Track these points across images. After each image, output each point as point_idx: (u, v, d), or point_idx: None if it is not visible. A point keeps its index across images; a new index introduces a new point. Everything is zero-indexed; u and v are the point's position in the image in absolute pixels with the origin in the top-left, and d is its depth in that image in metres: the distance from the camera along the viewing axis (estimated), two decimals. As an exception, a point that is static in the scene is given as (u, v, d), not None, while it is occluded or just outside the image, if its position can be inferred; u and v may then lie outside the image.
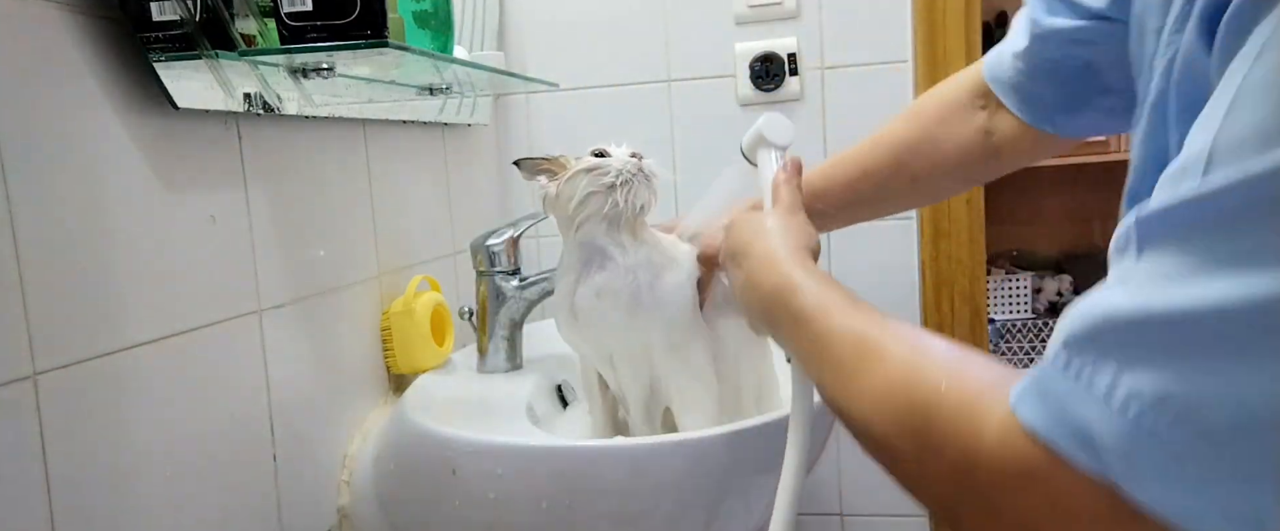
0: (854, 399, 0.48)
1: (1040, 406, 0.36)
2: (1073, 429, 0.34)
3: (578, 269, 0.84)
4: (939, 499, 0.43)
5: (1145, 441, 0.31)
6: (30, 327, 0.58)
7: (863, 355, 0.48)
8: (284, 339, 0.84)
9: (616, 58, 1.39)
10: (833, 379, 0.50)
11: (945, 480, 0.41)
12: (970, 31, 1.28)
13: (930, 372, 0.43)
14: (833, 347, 0.51)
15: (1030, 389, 0.37)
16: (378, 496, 0.91)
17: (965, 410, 0.40)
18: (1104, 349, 0.34)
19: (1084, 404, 0.34)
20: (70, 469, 0.61)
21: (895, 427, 0.44)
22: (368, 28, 0.67)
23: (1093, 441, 0.33)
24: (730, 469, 0.76)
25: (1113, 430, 0.32)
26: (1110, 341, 0.33)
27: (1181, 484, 0.31)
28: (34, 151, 0.59)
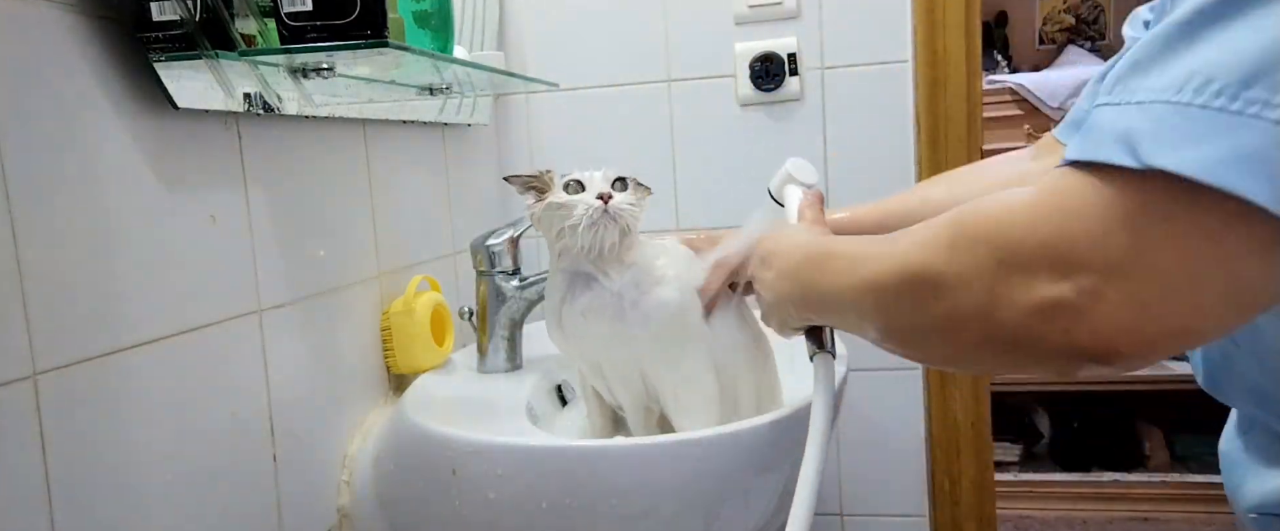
0: (891, 255, 0.49)
1: (1085, 142, 0.40)
2: (1117, 136, 0.39)
3: (563, 288, 0.84)
4: (981, 297, 0.43)
5: (1177, 114, 0.37)
6: (30, 327, 0.58)
7: (890, 239, 0.51)
8: (284, 339, 0.84)
9: (616, 58, 1.39)
10: (863, 268, 0.52)
11: (984, 266, 0.42)
12: (970, 31, 1.28)
13: (955, 210, 0.47)
14: (865, 248, 0.54)
15: (1073, 144, 0.41)
16: (378, 496, 0.91)
17: (1000, 196, 0.44)
18: (1142, 67, 0.40)
19: (1128, 115, 0.39)
20: (70, 469, 0.61)
21: (932, 248, 0.46)
22: (368, 28, 0.67)
23: (1132, 139, 0.38)
24: (730, 469, 0.76)
25: (1154, 119, 0.38)
26: (1144, 61, 0.40)
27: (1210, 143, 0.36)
28: (34, 151, 0.59)
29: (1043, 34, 2.71)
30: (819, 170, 1.33)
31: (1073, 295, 0.39)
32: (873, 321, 0.52)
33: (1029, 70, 2.53)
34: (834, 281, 0.57)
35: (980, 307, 0.43)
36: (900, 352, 0.54)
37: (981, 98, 1.32)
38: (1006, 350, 0.43)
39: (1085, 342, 0.40)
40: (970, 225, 0.44)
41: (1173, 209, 0.37)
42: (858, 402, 1.36)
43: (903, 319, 0.49)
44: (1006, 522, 2.13)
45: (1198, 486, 2.16)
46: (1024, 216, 0.41)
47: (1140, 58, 0.40)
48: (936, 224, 0.47)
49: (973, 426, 1.35)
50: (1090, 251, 0.39)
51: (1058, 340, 0.40)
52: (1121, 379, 2.30)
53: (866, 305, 0.52)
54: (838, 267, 0.57)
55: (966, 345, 0.46)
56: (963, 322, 0.44)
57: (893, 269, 0.49)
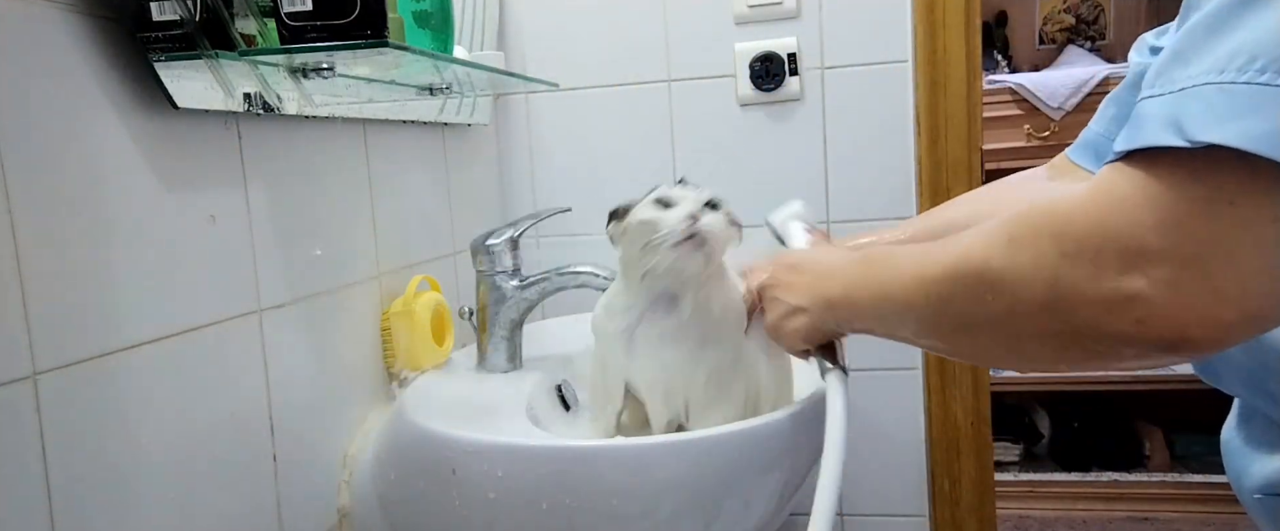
0: (939, 259, 0.50)
1: (1132, 134, 0.41)
2: (1164, 122, 0.39)
3: (643, 306, 0.82)
4: (1043, 292, 0.43)
5: (1221, 93, 0.38)
6: (30, 328, 0.58)
7: (943, 242, 0.52)
8: (284, 339, 0.84)
9: (616, 58, 1.39)
10: (913, 265, 0.53)
11: (1047, 261, 0.43)
12: (970, 31, 1.28)
13: (1012, 209, 0.47)
14: (917, 250, 0.54)
15: (1121, 137, 0.42)
16: (378, 496, 0.91)
17: (1059, 193, 0.44)
18: (1182, 58, 0.40)
19: (1173, 102, 0.39)
20: (70, 469, 0.61)
21: (991, 245, 0.46)
22: (368, 28, 0.67)
23: (1179, 121, 0.38)
24: (730, 469, 0.76)
25: (1200, 99, 0.39)
26: (1183, 52, 0.40)
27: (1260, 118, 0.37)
28: (34, 151, 0.59)
29: (1043, 34, 2.71)
30: (819, 170, 1.34)
31: (1145, 286, 0.39)
32: (926, 317, 0.52)
33: (1029, 70, 2.53)
34: (887, 277, 0.57)
35: (1045, 302, 0.43)
36: (946, 349, 0.55)
37: (981, 98, 1.32)
38: (1073, 342, 0.44)
39: (1161, 332, 0.40)
40: (1031, 221, 0.44)
41: (1233, 192, 0.38)
42: (858, 402, 1.36)
43: (959, 314, 0.50)
44: (1006, 522, 2.13)
45: (1197, 486, 2.16)
46: (1086, 210, 0.42)
47: (1180, 49, 0.41)
48: (992, 224, 0.48)
49: (973, 426, 1.35)
50: (1159, 241, 0.39)
51: (1131, 331, 0.41)
52: (1121, 379, 2.30)
53: (919, 300, 0.52)
54: (889, 265, 0.57)
55: (1026, 338, 0.46)
56: (1026, 317, 0.45)
57: (950, 264, 0.49)
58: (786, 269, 0.70)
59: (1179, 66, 0.41)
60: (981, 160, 1.31)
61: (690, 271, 0.78)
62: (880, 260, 0.60)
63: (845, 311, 0.63)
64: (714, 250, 0.78)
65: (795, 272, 0.69)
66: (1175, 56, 0.41)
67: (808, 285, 0.67)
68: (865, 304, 0.60)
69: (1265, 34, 0.38)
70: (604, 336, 0.87)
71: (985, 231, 0.48)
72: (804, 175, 1.35)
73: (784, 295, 0.69)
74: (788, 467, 0.80)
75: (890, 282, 0.56)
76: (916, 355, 1.35)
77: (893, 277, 0.56)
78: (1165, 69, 0.41)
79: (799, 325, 0.68)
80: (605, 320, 0.87)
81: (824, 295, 0.65)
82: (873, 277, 0.59)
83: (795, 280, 0.69)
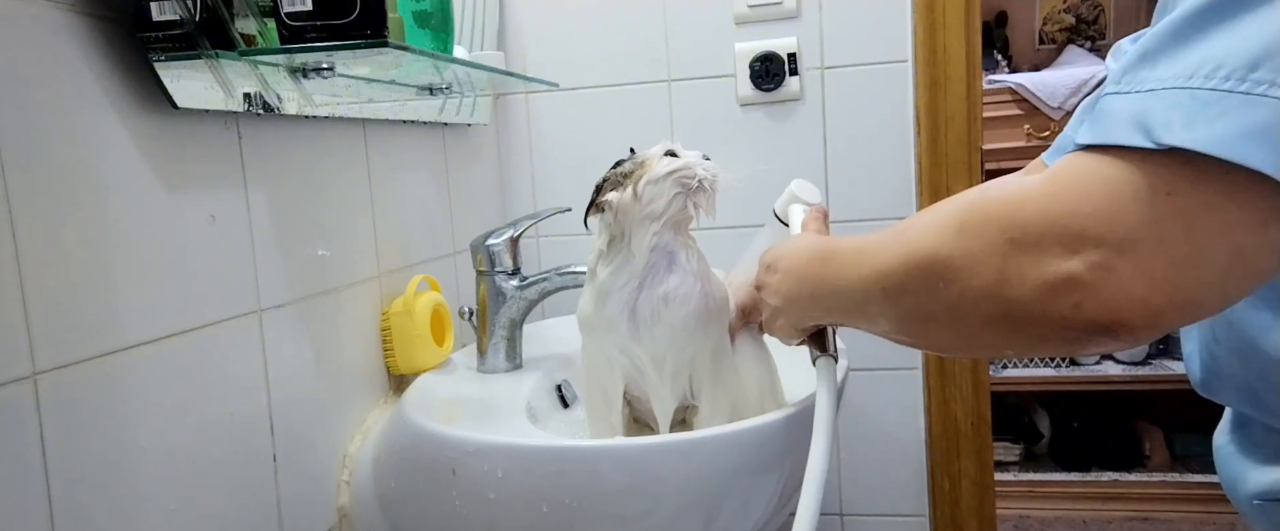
0: (895, 250, 0.51)
1: (1096, 128, 0.42)
2: (1128, 120, 0.40)
3: (642, 274, 0.83)
4: (990, 278, 0.44)
5: (1189, 97, 0.39)
6: (30, 328, 0.58)
7: (898, 231, 0.52)
8: (284, 339, 0.84)
9: (616, 58, 1.39)
10: (871, 260, 0.54)
11: (995, 247, 0.43)
12: (970, 31, 1.28)
13: (963, 195, 0.48)
14: (872, 241, 0.55)
15: (1083, 131, 0.43)
16: (378, 496, 0.91)
17: (1010, 180, 0.45)
18: (1150, 59, 0.41)
19: (1139, 101, 0.41)
20: (70, 469, 0.61)
21: (941, 233, 0.47)
22: (368, 28, 0.67)
23: (1146, 120, 0.40)
24: (730, 469, 0.76)
25: (1167, 103, 0.40)
26: (1151, 53, 0.42)
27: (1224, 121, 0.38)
28: (34, 151, 0.59)
29: (1043, 34, 2.71)
30: (819, 169, 1.34)
31: (1083, 269, 0.40)
32: (883, 311, 0.53)
33: (1029, 70, 2.53)
34: (843, 274, 0.58)
35: (990, 287, 0.44)
36: (909, 341, 0.55)
37: (981, 97, 1.32)
38: (1016, 328, 0.44)
39: (1095, 316, 0.41)
40: (980, 208, 0.45)
41: (1181, 184, 0.39)
42: (858, 402, 1.37)
43: (913, 306, 0.50)
44: (1006, 522, 2.13)
45: (1197, 486, 2.16)
46: (1035, 197, 0.43)
47: (1148, 50, 0.42)
48: (942, 210, 0.48)
49: (973, 426, 1.35)
50: (1100, 227, 0.40)
51: (1068, 315, 0.41)
52: (1121, 378, 2.30)
53: (876, 294, 0.53)
54: (845, 261, 0.58)
55: (976, 326, 0.47)
56: (973, 304, 0.45)
57: (902, 256, 0.50)
58: (765, 269, 0.71)
59: (1146, 68, 0.42)
60: (981, 160, 1.31)
61: (703, 211, 0.84)
62: (838, 253, 0.60)
63: (816, 308, 0.64)
64: (717, 194, 0.85)
65: (770, 272, 0.69)
66: (1143, 58, 0.42)
67: (778, 285, 0.68)
68: (830, 301, 0.61)
69: (1231, 45, 0.39)
70: (599, 327, 0.86)
71: (936, 220, 0.48)
72: (804, 175, 1.34)
73: (766, 296, 0.70)
74: (788, 467, 0.80)
75: (848, 276, 0.57)
76: (916, 355, 1.35)
77: (851, 271, 0.57)
78: (1133, 68, 0.42)
79: (782, 325, 0.70)
80: (598, 308, 0.85)
81: (793, 294, 0.66)
82: (832, 273, 0.60)
83: (770, 280, 0.69)
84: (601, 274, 0.85)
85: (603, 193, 0.84)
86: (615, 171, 0.85)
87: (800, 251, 0.66)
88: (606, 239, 0.85)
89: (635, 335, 0.84)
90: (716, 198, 0.84)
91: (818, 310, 0.64)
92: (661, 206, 0.82)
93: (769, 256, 0.71)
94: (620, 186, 0.83)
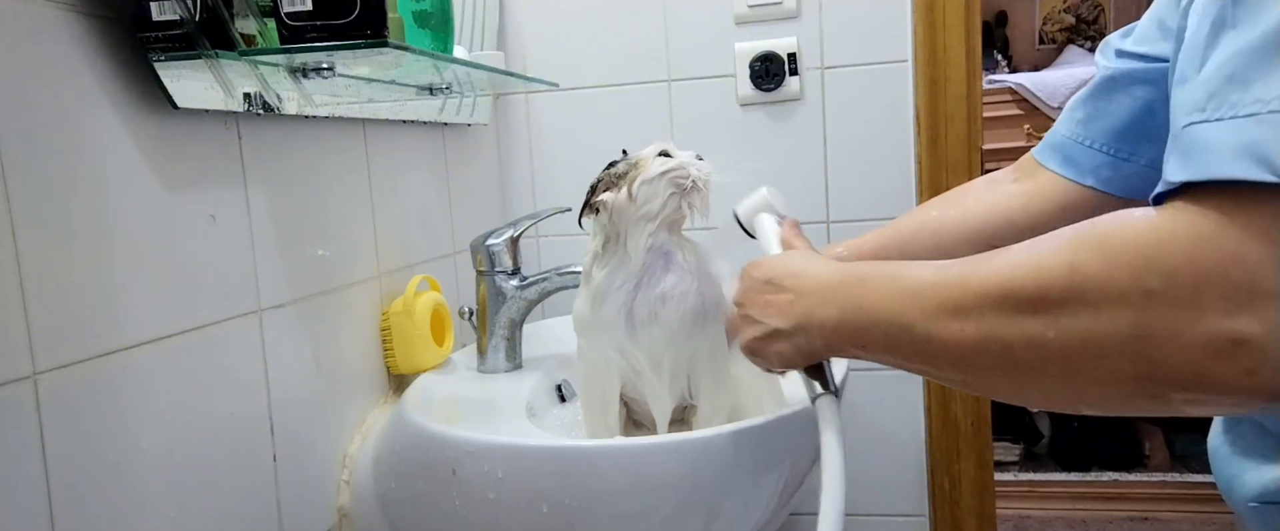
0: (981, 280, 0.44)
1: (1194, 162, 0.38)
2: (1237, 150, 0.36)
3: (638, 275, 0.83)
4: (1121, 331, 0.39)
5: None
6: (30, 327, 0.58)
7: (970, 262, 0.46)
8: (284, 339, 0.84)
9: (616, 58, 1.39)
10: (940, 292, 0.47)
11: (1124, 296, 0.38)
12: (970, 31, 1.28)
13: (1068, 226, 0.42)
14: (933, 272, 0.49)
15: (1173, 163, 0.39)
16: (378, 496, 0.91)
17: (1124, 220, 0.40)
18: (1241, 80, 0.37)
19: (1243, 128, 0.36)
20: (70, 469, 0.61)
21: (1048, 269, 0.41)
22: (368, 28, 0.67)
23: (1260, 151, 0.35)
24: (730, 469, 0.76)
25: (1274, 126, 0.35)
26: (1240, 74, 0.37)
27: None
28: (34, 151, 0.59)
29: (1043, 34, 2.71)
30: (819, 169, 1.34)
31: (1257, 330, 0.36)
32: (957, 354, 0.46)
33: (1029, 70, 2.53)
34: (896, 304, 0.50)
35: (1124, 343, 0.39)
36: (977, 388, 0.49)
37: (981, 97, 1.32)
38: (1155, 389, 0.39)
39: (1273, 383, 0.36)
40: (1097, 246, 0.40)
41: None
42: (858, 402, 1.37)
43: (1005, 353, 0.43)
44: (1006, 522, 2.13)
45: (1197, 486, 2.16)
46: (1170, 242, 0.38)
47: (1235, 72, 0.38)
48: (1043, 244, 0.43)
49: (973, 426, 1.35)
50: (1274, 280, 0.35)
51: (1237, 380, 0.37)
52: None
53: (951, 334, 0.46)
54: (900, 288, 0.50)
55: (1092, 383, 0.41)
56: (1095, 359, 0.40)
57: (994, 291, 0.44)
58: (761, 285, 0.62)
59: (1237, 89, 0.37)
60: (981, 160, 1.31)
61: (696, 211, 0.84)
62: (884, 280, 0.52)
63: (843, 339, 0.56)
64: (711, 193, 0.84)
65: (773, 290, 0.61)
66: (1230, 79, 0.38)
67: (789, 306, 0.59)
68: (873, 333, 0.53)
69: None
70: (596, 329, 0.86)
71: (1029, 254, 0.43)
72: (804, 175, 1.35)
73: (761, 315, 0.62)
74: (788, 467, 0.80)
75: (906, 309, 0.49)
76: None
77: (909, 304, 0.49)
78: (1219, 91, 0.38)
79: (782, 349, 0.61)
80: (594, 309, 0.85)
81: (813, 319, 0.58)
82: (879, 302, 0.52)
83: (774, 299, 0.61)
84: (597, 275, 0.85)
85: (597, 193, 0.84)
86: (609, 172, 0.85)
87: (820, 270, 0.58)
88: (601, 240, 0.85)
89: (633, 336, 0.84)
90: (710, 197, 0.84)
91: (844, 339, 0.56)
92: (656, 207, 0.82)
93: (766, 271, 0.63)
94: (615, 187, 0.83)
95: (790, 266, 0.61)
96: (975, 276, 0.45)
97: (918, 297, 0.49)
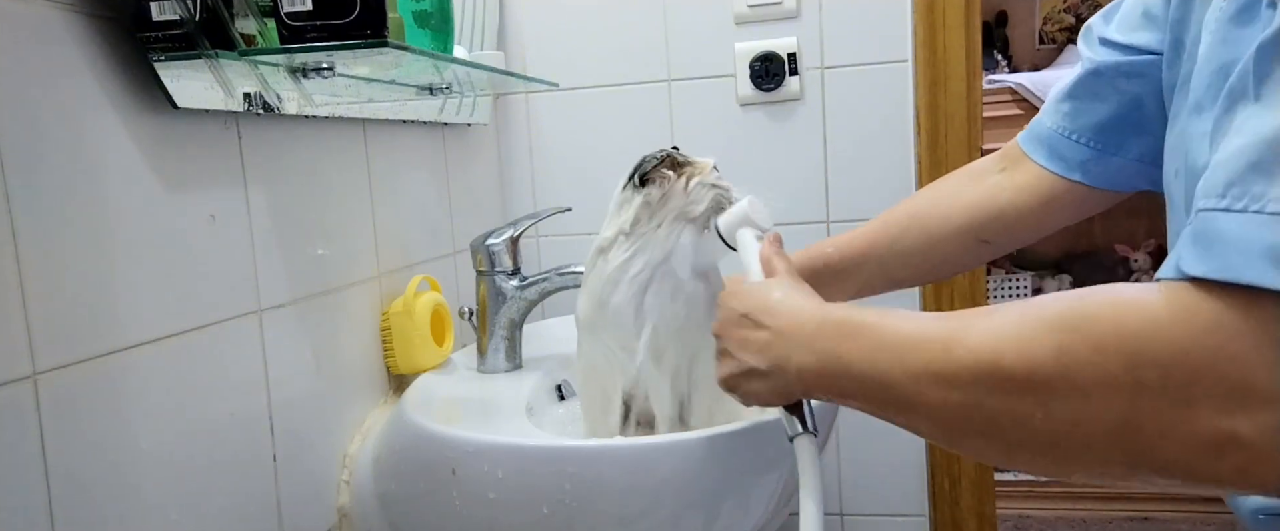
0: (968, 351, 0.42)
1: (1212, 255, 0.36)
2: (1262, 253, 0.34)
3: (655, 267, 0.82)
4: (1111, 420, 0.38)
5: None
6: (30, 327, 0.58)
7: (958, 323, 0.44)
8: (284, 339, 0.84)
9: (616, 58, 1.39)
10: (924, 355, 0.45)
11: (1116, 385, 0.37)
12: (970, 31, 1.28)
13: (1056, 298, 0.41)
14: (916, 330, 0.47)
15: (1188, 251, 0.36)
16: (378, 496, 0.91)
17: (1117, 303, 0.38)
18: (1266, 172, 0.35)
19: (1268, 227, 0.34)
20: (70, 469, 0.61)
21: (1037, 350, 0.39)
22: (368, 28, 0.67)
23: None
24: (730, 469, 0.76)
25: None
26: (1267, 164, 0.35)
27: None
28: (33, 151, 0.59)
29: (1043, 34, 2.71)
30: (819, 169, 1.34)
31: (1250, 431, 0.35)
32: (939, 419, 0.46)
33: (1029, 70, 2.53)
34: (875, 359, 0.49)
35: (1114, 431, 0.38)
36: (962, 452, 0.49)
37: (981, 98, 1.32)
38: (1143, 473, 0.39)
39: (1266, 480, 0.35)
40: (1089, 332, 0.39)
41: None
42: (858, 402, 1.36)
43: (984, 425, 0.43)
44: (1006, 522, 2.13)
45: (1197, 486, 2.15)
46: (1165, 333, 0.37)
47: (1259, 161, 0.36)
48: (1031, 318, 0.41)
49: (973, 426, 1.35)
50: (1268, 382, 0.35)
51: (1229, 476, 0.36)
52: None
53: (933, 400, 0.45)
54: (882, 345, 0.49)
55: (1081, 460, 0.41)
56: (1083, 442, 0.39)
57: (979, 368, 0.42)
58: (738, 318, 0.60)
59: (1262, 180, 0.35)
60: (981, 160, 1.31)
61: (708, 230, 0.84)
62: (866, 332, 0.50)
63: (821, 387, 0.54)
64: None
65: (750, 326, 0.58)
66: (1255, 168, 0.36)
67: (767, 345, 0.57)
68: (853, 385, 0.51)
69: None
70: (600, 322, 0.85)
71: (1017, 330, 0.41)
72: (804, 175, 1.35)
73: (738, 352, 0.59)
74: (788, 467, 0.80)
75: (889, 368, 0.48)
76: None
77: (892, 362, 0.47)
78: (1242, 179, 0.36)
79: (758, 388, 0.59)
80: (602, 298, 0.84)
81: (791, 363, 0.55)
82: (860, 356, 0.50)
83: (751, 336, 0.58)
84: (615, 258, 0.82)
85: (659, 167, 0.82)
86: (669, 154, 0.83)
87: (799, 311, 0.56)
88: (632, 218, 0.82)
89: (638, 327, 0.83)
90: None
91: (822, 387, 0.54)
92: (699, 210, 0.82)
93: (744, 304, 0.60)
94: (677, 171, 0.82)
95: (768, 302, 0.59)
96: (962, 345, 0.43)
97: (901, 357, 0.47)
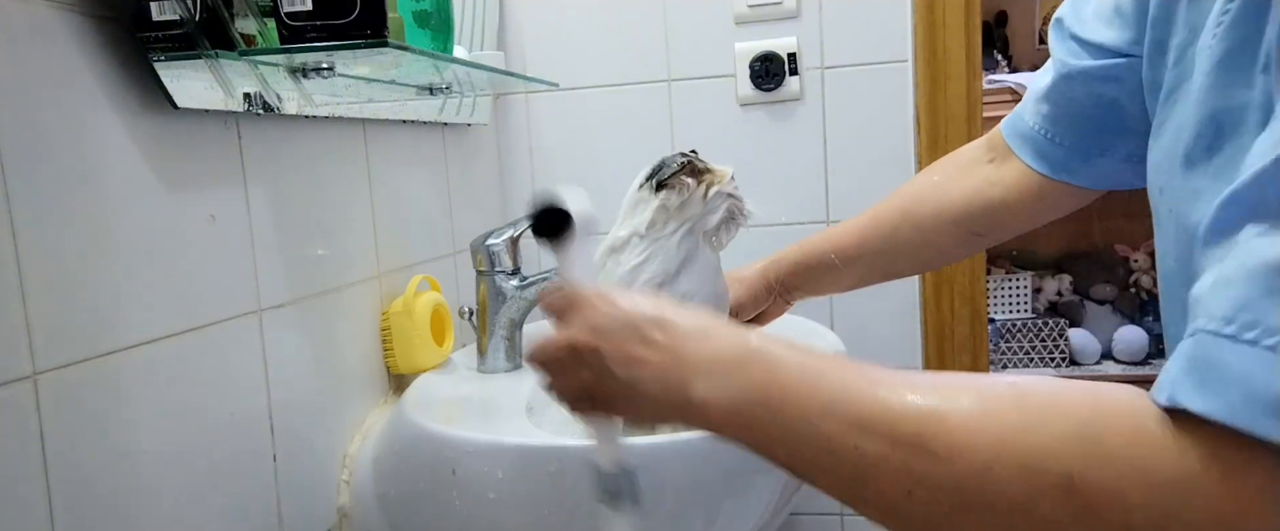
0: (960, 461, 0.38)
1: (1214, 392, 0.33)
2: (1267, 408, 0.31)
3: (666, 272, 0.83)
4: None
5: None
6: (30, 328, 0.58)
7: (930, 402, 0.40)
8: (284, 339, 0.84)
9: (616, 57, 1.39)
10: (886, 428, 0.40)
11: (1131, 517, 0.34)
12: (970, 31, 1.28)
13: (1061, 418, 0.37)
14: (862, 389, 0.41)
15: (1184, 377, 0.33)
16: (378, 496, 0.91)
17: (1132, 436, 0.34)
18: (1273, 296, 0.31)
19: (1263, 367, 0.31)
20: (70, 469, 0.61)
21: (1040, 480, 0.36)
22: (368, 28, 0.67)
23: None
24: (730, 469, 0.76)
25: None
26: (1266, 298, 0.32)
27: None
28: (34, 151, 0.59)
29: (1043, 34, 2.71)
30: (819, 169, 1.34)
31: None
32: (894, 510, 0.41)
33: (1029, 70, 2.53)
34: (817, 427, 0.42)
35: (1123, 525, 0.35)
36: (860, 508, 0.42)
37: (981, 97, 1.32)
38: None
39: None
40: (1101, 471, 0.35)
41: None
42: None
43: (935, 521, 0.39)
44: (1006, 522, 2.13)
45: (1198, 486, 2.15)
46: (1196, 487, 0.33)
47: (1275, 286, 0.32)
48: (1036, 439, 0.37)
49: (973, 426, 1.35)
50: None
51: None
52: (1122, 378, 2.29)
53: (896, 498, 0.40)
54: (812, 405, 0.42)
55: None
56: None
57: (969, 480, 0.38)
58: (625, 327, 0.50)
59: (1275, 308, 0.32)
60: (981, 160, 1.31)
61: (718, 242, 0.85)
62: (795, 389, 0.43)
63: (734, 426, 0.46)
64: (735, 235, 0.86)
65: (640, 340, 0.49)
66: (1270, 294, 0.32)
67: (661, 369, 0.48)
68: (778, 445, 0.45)
69: None
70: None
71: (1023, 452, 0.37)
72: (804, 175, 1.35)
73: (621, 367, 0.49)
74: (788, 467, 0.80)
75: (843, 433, 0.41)
76: (917, 349, 1.34)
77: (831, 427, 0.41)
78: (1253, 304, 0.32)
79: (638, 412, 0.52)
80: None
81: (692, 395, 0.47)
82: (794, 414, 0.43)
83: (643, 353, 0.48)
84: (628, 259, 0.81)
85: (679, 174, 0.81)
86: (689, 160, 0.82)
87: (713, 335, 0.48)
88: (648, 221, 0.81)
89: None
90: (731, 239, 0.85)
91: (735, 429, 0.46)
92: (714, 221, 0.82)
93: (636, 311, 0.50)
94: (698, 178, 0.82)
95: (663, 314, 0.50)
96: (938, 439, 0.38)
97: (843, 431, 0.41)
